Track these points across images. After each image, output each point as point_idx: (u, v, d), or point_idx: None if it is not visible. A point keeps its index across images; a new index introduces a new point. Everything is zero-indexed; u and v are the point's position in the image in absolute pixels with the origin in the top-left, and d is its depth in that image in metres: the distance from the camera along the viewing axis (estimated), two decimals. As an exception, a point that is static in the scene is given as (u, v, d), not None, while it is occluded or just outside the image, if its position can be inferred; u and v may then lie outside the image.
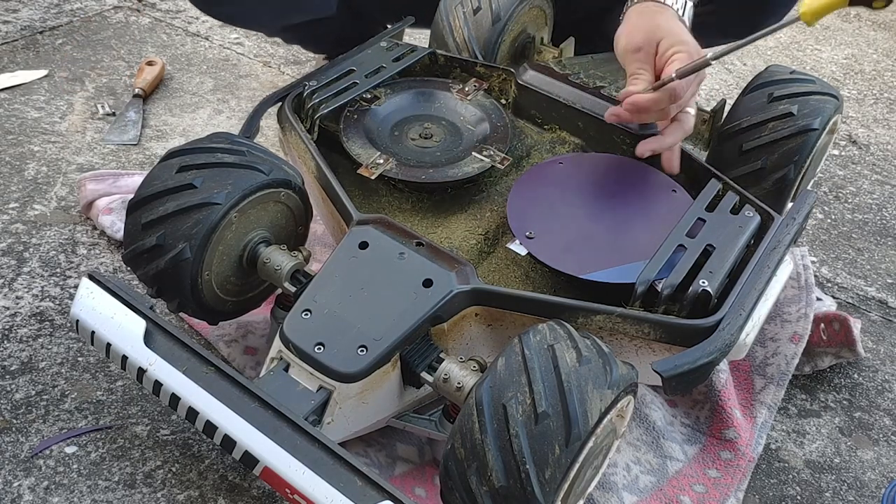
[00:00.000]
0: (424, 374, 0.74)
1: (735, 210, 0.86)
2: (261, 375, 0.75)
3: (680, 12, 0.92)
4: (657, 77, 0.89)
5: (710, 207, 0.86)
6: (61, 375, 0.91)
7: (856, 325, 1.01)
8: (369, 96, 0.98)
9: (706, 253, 0.81)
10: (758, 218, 0.85)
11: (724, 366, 0.97)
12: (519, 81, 1.03)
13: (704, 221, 0.84)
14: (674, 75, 0.85)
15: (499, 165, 0.93)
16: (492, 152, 0.94)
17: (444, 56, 1.07)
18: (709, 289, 0.77)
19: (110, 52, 1.51)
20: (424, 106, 1.00)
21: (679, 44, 0.88)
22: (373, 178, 0.89)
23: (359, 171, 0.90)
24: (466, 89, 1.02)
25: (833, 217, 1.34)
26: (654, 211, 0.88)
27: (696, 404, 0.96)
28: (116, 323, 0.75)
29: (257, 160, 0.82)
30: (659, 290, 0.78)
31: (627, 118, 0.91)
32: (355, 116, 0.96)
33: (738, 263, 0.81)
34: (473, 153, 0.94)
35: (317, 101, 0.95)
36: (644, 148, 0.91)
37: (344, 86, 0.98)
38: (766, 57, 1.82)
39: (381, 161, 0.90)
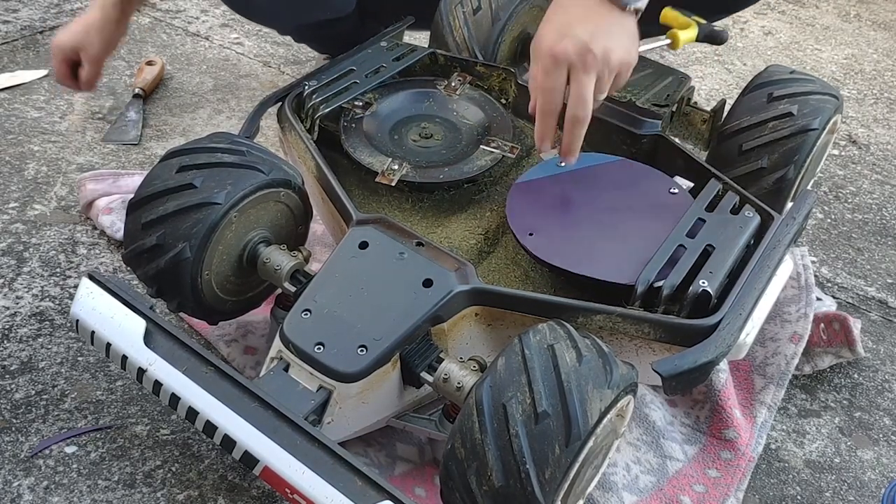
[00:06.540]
0: (424, 374, 0.74)
1: (735, 210, 0.86)
2: (261, 375, 0.75)
3: None
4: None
5: (710, 207, 0.86)
6: (61, 375, 0.91)
7: (856, 325, 1.01)
8: (361, 103, 0.98)
9: (706, 253, 0.81)
10: (758, 218, 0.85)
11: (724, 366, 0.97)
12: (519, 81, 1.03)
13: (704, 221, 0.84)
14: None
15: (509, 155, 0.94)
16: (499, 143, 0.94)
17: (444, 56, 1.07)
18: (709, 289, 0.77)
19: (110, 51, 1.51)
20: (416, 106, 1.00)
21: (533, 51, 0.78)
22: (393, 184, 0.89)
23: (377, 180, 0.90)
24: (453, 84, 1.02)
25: (833, 217, 1.34)
26: (653, 211, 0.88)
27: (696, 404, 0.96)
28: (116, 323, 0.75)
29: (257, 160, 0.82)
30: (659, 289, 0.78)
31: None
32: (353, 125, 0.95)
33: (738, 263, 0.82)
34: (482, 147, 0.94)
35: (317, 100, 0.95)
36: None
37: (344, 85, 0.98)
38: (766, 57, 1.82)
39: (396, 167, 0.91)
